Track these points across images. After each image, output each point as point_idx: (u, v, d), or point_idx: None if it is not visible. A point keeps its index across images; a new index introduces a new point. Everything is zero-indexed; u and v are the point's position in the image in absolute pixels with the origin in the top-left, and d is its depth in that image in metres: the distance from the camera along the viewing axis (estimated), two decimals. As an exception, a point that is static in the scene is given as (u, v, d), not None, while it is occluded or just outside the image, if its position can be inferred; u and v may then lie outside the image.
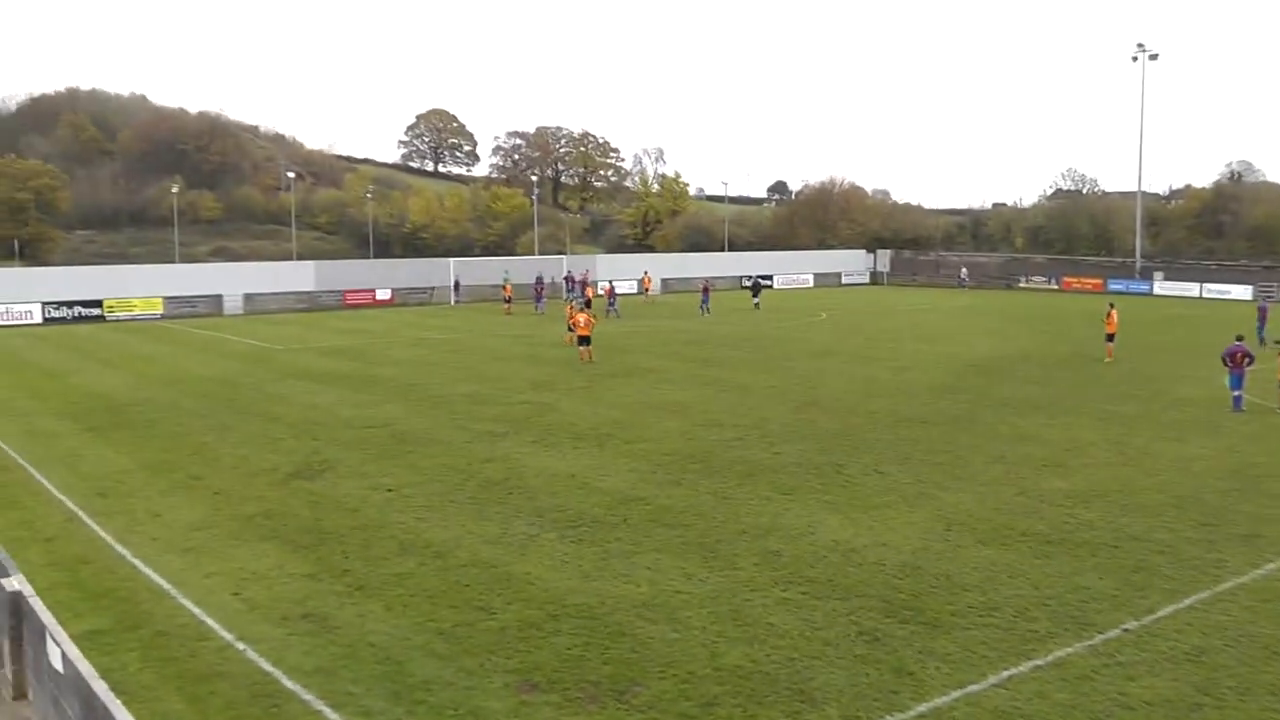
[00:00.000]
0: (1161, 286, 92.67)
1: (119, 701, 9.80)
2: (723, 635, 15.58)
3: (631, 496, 23.46)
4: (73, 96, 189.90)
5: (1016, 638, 15.43)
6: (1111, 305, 47.75)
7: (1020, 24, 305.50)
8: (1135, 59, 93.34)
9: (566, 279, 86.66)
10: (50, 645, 11.71)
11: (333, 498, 23.80)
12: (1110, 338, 46.01)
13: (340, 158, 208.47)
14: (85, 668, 10.67)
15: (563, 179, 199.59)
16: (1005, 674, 14.30)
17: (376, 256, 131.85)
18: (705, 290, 74.19)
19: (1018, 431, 30.34)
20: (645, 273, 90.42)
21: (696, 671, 14.43)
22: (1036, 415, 32.83)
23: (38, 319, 71.03)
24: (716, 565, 18.76)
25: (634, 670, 14.53)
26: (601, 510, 22.40)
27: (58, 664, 11.39)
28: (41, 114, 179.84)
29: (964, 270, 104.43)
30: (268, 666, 14.71)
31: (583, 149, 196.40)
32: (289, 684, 14.21)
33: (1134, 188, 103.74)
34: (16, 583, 13.66)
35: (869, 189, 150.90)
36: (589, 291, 72.56)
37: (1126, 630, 15.69)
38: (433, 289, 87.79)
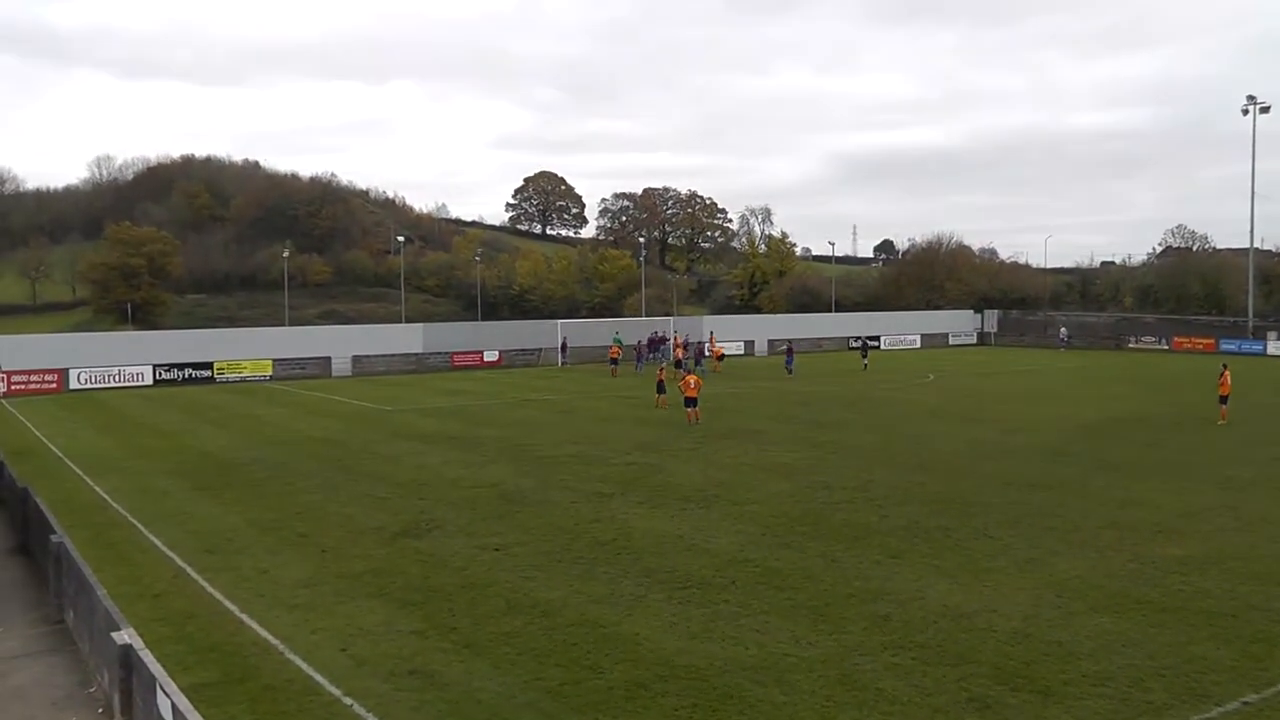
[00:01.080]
0: (1276, 346, 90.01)
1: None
2: (832, 699, 15.40)
3: (739, 558, 23.34)
4: (188, 164, 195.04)
5: (1131, 709, 15.03)
6: (1225, 366, 46.95)
7: (1127, 79, 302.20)
8: (1246, 112, 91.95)
9: (651, 341, 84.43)
10: (160, 696, 11.90)
11: (440, 556, 23.96)
12: (1224, 399, 45.13)
13: (449, 221, 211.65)
14: (195, 719, 10.82)
15: (670, 240, 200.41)
16: (1120, 745, 13.95)
17: (484, 318, 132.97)
18: (789, 351, 74.20)
19: (1130, 496, 29.71)
20: (710, 334, 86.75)
21: (805, 736, 14.27)
22: (1149, 479, 32.17)
23: (149, 380, 72.26)
24: (825, 628, 18.58)
25: (742, 734, 14.40)
26: (709, 571, 22.31)
27: (167, 715, 11.56)
28: (158, 182, 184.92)
29: (1063, 330, 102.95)
30: (376, 722, 14.80)
31: (689, 210, 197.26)
32: (397, 741, 14.28)
33: (1246, 244, 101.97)
34: (126, 636, 13.93)
35: (975, 247, 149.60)
36: (678, 353, 72.19)
37: (1247, 704, 15.21)
38: (540, 350, 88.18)
